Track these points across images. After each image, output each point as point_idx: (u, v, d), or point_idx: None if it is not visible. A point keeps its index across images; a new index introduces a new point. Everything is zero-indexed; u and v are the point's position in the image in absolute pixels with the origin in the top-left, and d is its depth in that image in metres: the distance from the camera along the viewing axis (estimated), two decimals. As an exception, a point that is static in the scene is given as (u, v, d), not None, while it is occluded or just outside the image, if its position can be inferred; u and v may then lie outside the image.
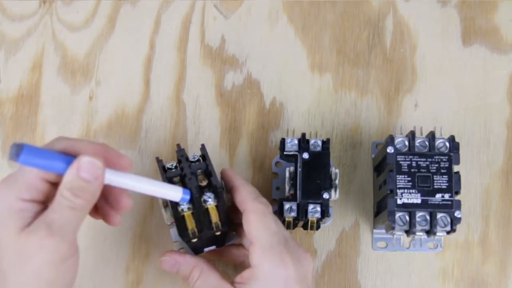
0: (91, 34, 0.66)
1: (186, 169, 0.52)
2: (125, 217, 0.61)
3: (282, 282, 0.49)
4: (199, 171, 0.52)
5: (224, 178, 0.54)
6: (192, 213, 0.51)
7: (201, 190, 0.51)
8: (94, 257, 0.61)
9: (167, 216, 0.53)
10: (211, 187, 0.52)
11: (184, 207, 0.51)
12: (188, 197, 0.50)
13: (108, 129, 0.64)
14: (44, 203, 0.46)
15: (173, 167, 0.53)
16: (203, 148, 0.54)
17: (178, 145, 0.55)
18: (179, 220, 0.52)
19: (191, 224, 0.52)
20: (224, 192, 0.53)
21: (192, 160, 0.53)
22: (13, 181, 0.45)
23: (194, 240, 0.52)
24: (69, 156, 0.45)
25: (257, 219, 0.51)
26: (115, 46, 0.66)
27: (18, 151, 0.42)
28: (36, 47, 0.66)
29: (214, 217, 0.52)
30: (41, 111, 0.64)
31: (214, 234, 0.53)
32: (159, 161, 0.54)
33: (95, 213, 0.51)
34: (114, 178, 0.47)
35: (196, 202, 0.51)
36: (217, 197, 0.51)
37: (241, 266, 0.57)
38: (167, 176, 0.52)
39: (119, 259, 0.61)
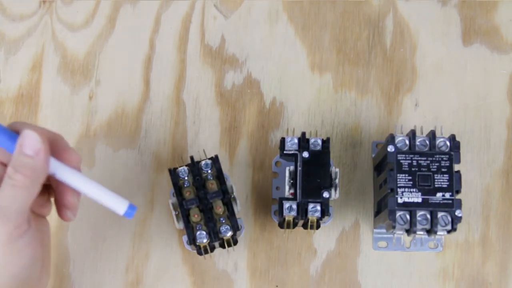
0: (91, 34, 0.66)
1: (204, 208, 0.55)
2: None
3: None
4: (217, 199, 0.55)
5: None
6: (208, 243, 0.54)
7: (218, 220, 0.55)
8: (94, 257, 0.61)
9: (178, 224, 0.55)
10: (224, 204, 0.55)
11: (202, 240, 0.54)
12: (133, 212, 0.48)
13: (108, 129, 0.64)
14: None
15: (185, 179, 0.56)
16: (216, 160, 0.56)
17: (192, 158, 0.56)
18: (195, 244, 0.55)
19: (205, 247, 0.55)
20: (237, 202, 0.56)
21: (205, 168, 0.56)
22: None
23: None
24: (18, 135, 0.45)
25: None
26: (115, 46, 0.66)
27: None
28: (36, 47, 0.66)
29: (228, 242, 0.55)
30: (41, 111, 0.64)
31: None
32: (172, 174, 0.56)
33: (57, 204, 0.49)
34: (59, 171, 0.46)
35: (213, 238, 0.54)
36: (233, 229, 0.54)
37: None
38: (183, 204, 0.55)
39: (119, 259, 0.61)
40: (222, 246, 0.56)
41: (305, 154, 0.56)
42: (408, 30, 0.66)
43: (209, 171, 0.56)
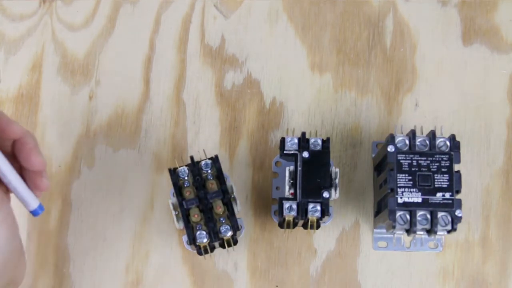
0: (91, 34, 0.66)
1: (204, 208, 0.55)
2: (125, 217, 0.61)
3: None
4: (217, 199, 0.55)
5: None
6: (208, 243, 0.54)
7: (218, 220, 0.55)
8: (94, 257, 0.61)
9: (178, 224, 0.55)
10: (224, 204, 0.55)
11: (202, 240, 0.54)
12: (40, 212, 0.48)
13: (108, 129, 0.64)
14: None
15: (185, 179, 0.55)
16: (216, 160, 0.56)
17: (192, 158, 0.56)
18: (195, 244, 0.55)
19: (205, 247, 0.55)
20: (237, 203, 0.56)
21: (205, 168, 0.56)
22: None
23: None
24: None
25: None
26: (115, 46, 0.66)
27: None
28: (36, 47, 0.66)
29: (228, 242, 0.55)
30: (41, 111, 0.64)
31: None
32: (172, 174, 0.56)
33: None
34: None
35: (213, 238, 0.54)
36: (233, 229, 0.54)
37: None
38: (183, 204, 0.55)
39: (119, 259, 0.61)
40: (222, 246, 0.56)
41: (305, 154, 0.56)
42: (408, 30, 0.66)
43: (209, 171, 0.56)
